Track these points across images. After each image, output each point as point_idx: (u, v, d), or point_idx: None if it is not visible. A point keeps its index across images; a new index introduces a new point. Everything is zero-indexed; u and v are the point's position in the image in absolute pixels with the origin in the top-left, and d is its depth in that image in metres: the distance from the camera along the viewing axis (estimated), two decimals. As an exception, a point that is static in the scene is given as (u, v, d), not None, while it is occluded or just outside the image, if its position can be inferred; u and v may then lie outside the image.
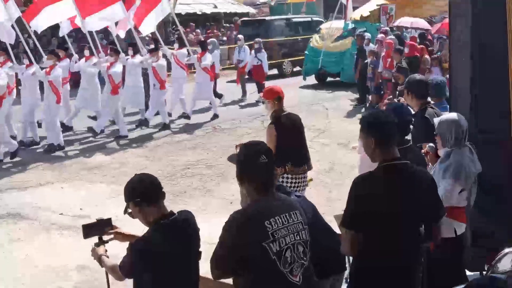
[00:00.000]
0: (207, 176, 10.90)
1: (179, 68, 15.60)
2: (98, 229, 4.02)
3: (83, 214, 8.93)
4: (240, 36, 19.69)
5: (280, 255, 3.29)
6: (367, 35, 18.37)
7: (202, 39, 17.59)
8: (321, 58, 20.42)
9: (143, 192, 3.66)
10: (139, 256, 3.59)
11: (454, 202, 4.72)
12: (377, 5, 22.23)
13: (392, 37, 17.73)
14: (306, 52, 21.67)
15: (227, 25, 31.71)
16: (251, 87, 18.89)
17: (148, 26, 15.31)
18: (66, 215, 9.03)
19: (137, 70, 14.65)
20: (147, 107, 14.85)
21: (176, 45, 16.50)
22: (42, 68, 12.89)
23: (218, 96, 17.46)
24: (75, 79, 15.76)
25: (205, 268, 3.71)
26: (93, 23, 14.22)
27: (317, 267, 3.69)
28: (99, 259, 3.95)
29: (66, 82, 14.08)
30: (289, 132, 6.82)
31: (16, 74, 13.57)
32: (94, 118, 14.71)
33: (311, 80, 21.74)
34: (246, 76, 19.26)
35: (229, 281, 3.65)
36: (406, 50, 15.57)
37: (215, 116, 15.59)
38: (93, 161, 12.24)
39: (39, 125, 13.48)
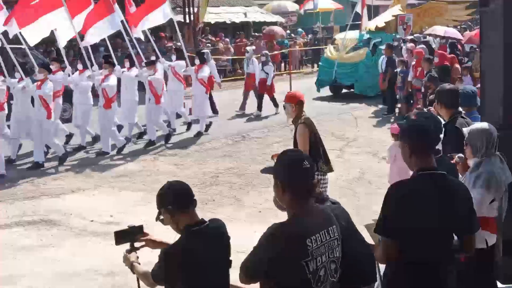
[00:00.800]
0: (236, 184, 10.91)
1: (176, 80, 15.23)
2: (130, 236, 4.03)
3: (113, 220, 9.02)
4: (249, 48, 19.48)
5: (315, 274, 3.25)
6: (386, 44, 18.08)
7: (202, 51, 16.60)
8: (335, 69, 19.88)
9: (175, 200, 3.68)
10: (170, 263, 3.60)
11: (485, 212, 4.66)
12: (393, 16, 21.78)
13: (423, 46, 17.61)
14: (320, 63, 21.34)
15: (256, 34, 31.75)
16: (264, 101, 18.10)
17: (141, 28, 15.02)
18: (97, 222, 9.11)
19: (133, 84, 14.29)
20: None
21: (174, 57, 16.14)
22: (35, 81, 12.58)
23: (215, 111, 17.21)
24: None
25: (234, 276, 3.72)
26: (90, 37, 13.92)
27: (348, 277, 3.65)
28: (131, 265, 3.97)
29: (59, 95, 13.53)
30: (314, 133, 7.00)
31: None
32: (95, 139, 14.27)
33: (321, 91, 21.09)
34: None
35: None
36: (436, 59, 15.43)
37: (199, 134, 14.86)
38: (124, 168, 12.33)
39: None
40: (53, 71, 13.48)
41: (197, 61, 14.90)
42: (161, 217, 3.72)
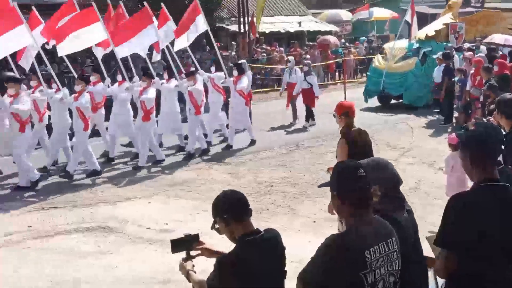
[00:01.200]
0: (290, 194, 10.85)
1: (216, 92, 15.05)
2: (186, 244, 4.03)
3: (169, 228, 9.10)
4: (291, 58, 19.05)
5: (374, 286, 3.22)
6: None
7: (238, 62, 16.22)
8: (383, 79, 19.40)
9: (230, 209, 3.67)
10: (225, 273, 3.59)
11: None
12: (444, 24, 21.22)
13: (482, 55, 17.26)
14: (368, 73, 20.85)
15: (310, 43, 31.70)
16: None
17: (182, 42, 14.72)
18: (153, 229, 9.20)
19: (173, 95, 14.29)
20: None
21: (213, 68, 15.84)
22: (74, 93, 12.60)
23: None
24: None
25: (289, 286, 3.70)
26: (124, 49, 13.82)
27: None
28: (187, 274, 3.97)
29: (100, 106, 13.69)
30: (359, 147, 6.77)
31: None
32: (130, 144, 14.34)
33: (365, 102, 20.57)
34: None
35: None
36: (495, 68, 15.08)
37: (253, 142, 14.87)
38: (179, 177, 12.40)
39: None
40: (93, 82, 13.64)
41: (235, 72, 14.64)
42: (217, 226, 3.73)
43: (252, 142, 14.79)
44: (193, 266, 4.00)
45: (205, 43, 26.63)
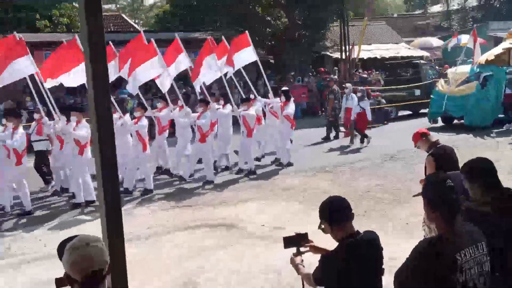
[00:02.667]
0: (383, 199, 10.63)
1: (272, 116, 14.51)
2: (296, 241, 4.07)
3: (280, 226, 9.14)
4: (348, 84, 18.32)
5: (465, 286, 3.10)
6: None
7: (286, 88, 15.48)
8: (445, 101, 18.53)
9: (334, 212, 3.66)
10: (328, 268, 3.60)
11: None
12: (503, 49, 19.89)
13: None
14: (431, 96, 19.82)
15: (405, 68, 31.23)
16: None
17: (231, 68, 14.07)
18: (266, 227, 9.27)
19: (227, 119, 13.88)
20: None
21: (270, 95, 15.19)
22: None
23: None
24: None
25: (387, 280, 3.65)
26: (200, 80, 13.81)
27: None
28: (296, 267, 4.01)
29: (166, 129, 13.60)
30: (445, 161, 6.54)
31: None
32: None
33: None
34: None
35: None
36: None
37: (278, 161, 14.31)
38: (288, 183, 12.46)
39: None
40: (159, 108, 13.89)
41: (282, 98, 14.05)
42: (322, 226, 3.73)
43: (289, 164, 14.13)
44: (302, 260, 4.03)
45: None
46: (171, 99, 14.25)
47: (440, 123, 19.41)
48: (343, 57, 29.27)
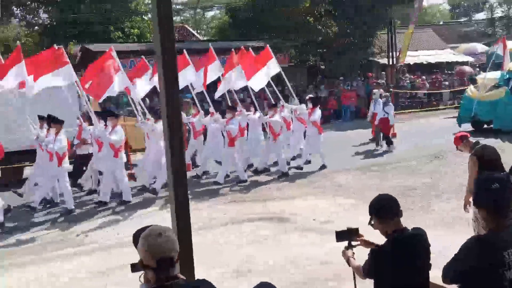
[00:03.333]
0: (428, 196, 10.39)
1: (298, 121, 14.10)
2: (348, 235, 4.02)
3: (329, 220, 9.09)
4: (375, 90, 17.52)
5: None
6: None
7: (313, 96, 15.25)
8: (475, 106, 17.66)
9: (383, 209, 3.61)
10: (377, 262, 3.57)
11: None
12: None
13: None
14: (461, 101, 19.01)
15: (449, 72, 30.44)
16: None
17: (259, 82, 13.60)
18: (317, 221, 9.23)
19: (256, 124, 13.68)
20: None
21: (296, 101, 14.91)
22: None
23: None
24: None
25: (433, 273, 3.58)
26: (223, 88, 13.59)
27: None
28: (348, 260, 3.99)
29: (200, 134, 13.61)
30: (487, 160, 6.40)
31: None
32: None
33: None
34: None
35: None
36: None
37: (323, 167, 13.56)
38: (337, 179, 12.38)
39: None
40: (193, 114, 13.84)
41: (309, 105, 13.79)
42: (372, 222, 3.70)
43: (323, 167, 13.57)
44: (353, 254, 4.00)
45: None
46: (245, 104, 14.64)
47: (470, 127, 18.23)
48: (390, 62, 28.86)
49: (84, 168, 12.84)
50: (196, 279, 3.17)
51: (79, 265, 7.93)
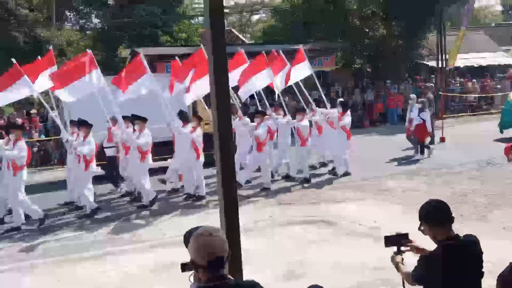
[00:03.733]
0: (480, 203, 10.09)
1: (328, 125, 13.55)
2: (397, 241, 3.94)
3: (377, 226, 8.94)
4: (412, 95, 16.83)
5: None
6: None
7: (343, 100, 14.79)
8: None
9: (434, 215, 3.53)
10: (426, 268, 3.48)
11: None
12: None
13: None
14: (503, 107, 18.13)
15: (500, 75, 29.53)
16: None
17: (282, 83, 13.35)
18: (364, 226, 9.12)
19: (285, 129, 13.50)
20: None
21: (328, 105, 14.04)
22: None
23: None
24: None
25: (486, 283, 3.48)
26: (246, 91, 13.06)
27: None
28: (397, 265, 3.91)
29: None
30: None
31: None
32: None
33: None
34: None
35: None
36: None
37: (333, 171, 13.53)
38: (384, 185, 12.20)
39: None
40: None
41: (339, 109, 13.42)
42: (422, 228, 3.62)
43: (346, 174, 13.42)
44: (402, 259, 3.92)
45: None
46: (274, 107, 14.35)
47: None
48: (439, 65, 28.22)
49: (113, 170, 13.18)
50: (243, 280, 3.19)
51: (130, 263, 8.11)
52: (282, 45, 25.01)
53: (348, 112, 13.47)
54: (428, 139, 15.81)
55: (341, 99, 15.22)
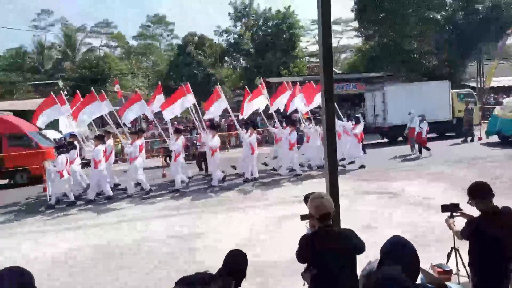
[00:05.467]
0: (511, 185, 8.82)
1: (346, 135, 12.17)
2: (450, 208, 3.69)
3: (428, 197, 8.22)
4: (412, 110, 14.43)
5: None
6: None
7: (357, 116, 13.11)
8: (499, 123, 14.45)
9: (479, 191, 3.22)
10: (470, 227, 3.19)
11: None
12: None
13: None
14: (489, 119, 15.58)
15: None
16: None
17: (297, 106, 12.07)
18: (419, 197, 8.40)
19: (316, 135, 11.81)
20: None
21: (344, 119, 12.82)
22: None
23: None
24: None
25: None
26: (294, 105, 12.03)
27: None
28: (450, 226, 3.62)
29: (279, 140, 11.88)
30: None
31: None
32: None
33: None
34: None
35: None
36: None
37: (362, 167, 11.87)
38: (433, 169, 11.10)
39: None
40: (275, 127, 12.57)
41: (353, 121, 12.17)
42: (470, 202, 3.30)
43: (362, 166, 11.88)
44: (454, 221, 3.62)
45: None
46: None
47: (497, 139, 15.05)
48: (479, 85, 25.30)
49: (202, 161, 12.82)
50: (341, 227, 3.14)
51: (256, 217, 7.89)
52: (360, 74, 24.03)
53: (361, 123, 12.29)
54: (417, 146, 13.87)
55: (357, 115, 13.97)
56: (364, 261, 2.63)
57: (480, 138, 15.67)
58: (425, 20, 25.84)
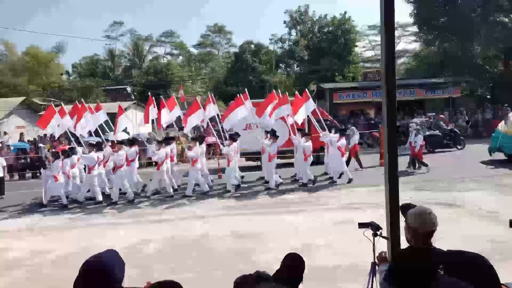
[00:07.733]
0: None
1: (335, 148, 11.23)
2: None
3: (493, 210, 7.52)
4: (412, 124, 13.25)
5: None
6: None
7: (342, 128, 12.39)
8: (500, 139, 12.73)
9: None
10: None
11: None
12: None
13: None
14: (492, 134, 13.49)
15: None
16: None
17: (300, 116, 11.13)
18: (483, 210, 7.74)
19: (334, 146, 11.16)
20: None
21: (332, 132, 11.77)
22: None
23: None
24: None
25: None
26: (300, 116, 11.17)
27: None
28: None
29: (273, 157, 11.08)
30: None
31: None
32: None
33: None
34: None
35: None
36: None
37: (350, 181, 11.05)
38: (499, 181, 10.14)
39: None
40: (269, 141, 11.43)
41: (337, 135, 11.38)
42: None
43: (349, 181, 11.08)
44: None
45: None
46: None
47: (503, 156, 13.02)
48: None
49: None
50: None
51: (302, 219, 7.90)
52: (419, 79, 22.77)
53: (344, 137, 11.46)
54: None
55: (343, 128, 13.02)
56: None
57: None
58: (492, 23, 23.90)
